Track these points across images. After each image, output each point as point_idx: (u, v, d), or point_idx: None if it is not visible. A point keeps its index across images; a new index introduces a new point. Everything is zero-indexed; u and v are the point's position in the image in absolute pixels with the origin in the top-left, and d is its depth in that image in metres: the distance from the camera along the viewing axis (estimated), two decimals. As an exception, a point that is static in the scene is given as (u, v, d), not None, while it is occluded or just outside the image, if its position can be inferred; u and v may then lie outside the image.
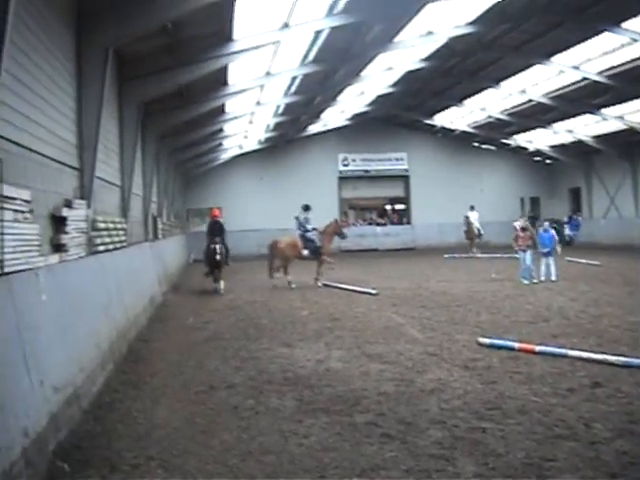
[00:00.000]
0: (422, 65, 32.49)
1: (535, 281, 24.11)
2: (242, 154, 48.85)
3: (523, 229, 25.57)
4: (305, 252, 25.77)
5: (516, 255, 26.16)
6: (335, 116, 45.68)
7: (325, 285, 25.40)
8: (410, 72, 34.07)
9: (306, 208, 26.85)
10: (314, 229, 26.31)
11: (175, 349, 14.32)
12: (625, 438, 7.85)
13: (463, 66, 34.77)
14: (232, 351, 13.74)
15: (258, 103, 32.38)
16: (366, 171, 53.38)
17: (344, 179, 53.26)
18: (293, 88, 32.05)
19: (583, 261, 32.42)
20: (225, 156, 47.56)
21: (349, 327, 16.16)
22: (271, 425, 8.72)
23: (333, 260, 27.42)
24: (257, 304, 21.29)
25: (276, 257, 26.19)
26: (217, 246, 24.63)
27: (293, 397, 10.02)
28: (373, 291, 22.73)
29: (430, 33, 27.03)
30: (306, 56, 26.77)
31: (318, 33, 23.85)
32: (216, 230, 25.40)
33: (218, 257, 24.45)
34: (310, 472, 7.12)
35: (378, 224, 53.83)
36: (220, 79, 25.21)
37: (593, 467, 7.02)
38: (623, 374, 10.74)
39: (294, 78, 29.71)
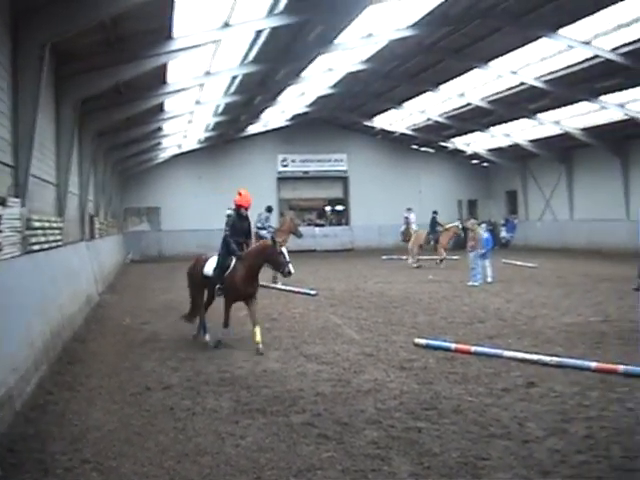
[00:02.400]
0: (363, 67, 32.58)
1: (476, 284, 24.28)
2: (181, 153, 48.48)
3: (469, 230, 25.91)
4: None
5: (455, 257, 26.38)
6: (275, 116, 45.58)
7: (263, 286, 25.31)
8: (350, 74, 34.14)
9: (269, 209, 28.08)
10: (270, 227, 26.64)
11: (111, 350, 14.18)
12: (558, 436, 7.99)
13: (403, 69, 34.92)
14: (169, 352, 13.66)
15: (197, 102, 32.18)
16: (305, 172, 53.38)
17: (283, 179, 53.21)
18: (233, 88, 31.89)
19: (519, 263, 32.82)
20: (164, 155, 47.17)
21: (287, 327, 16.17)
22: (207, 426, 8.69)
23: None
24: (195, 304, 21.15)
25: None
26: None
27: (230, 398, 9.99)
28: (312, 292, 22.73)
29: (371, 35, 27.10)
30: (246, 56, 26.65)
31: (259, 33, 23.77)
32: (243, 230, 15.03)
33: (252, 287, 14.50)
34: (246, 473, 7.10)
35: (317, 225, 53.92)
36: (159, 77, 24.97)
37: (526, 465, 7.12)
38: (557, 374, 10.91)
39: (234, 78, 29.56)
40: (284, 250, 13.83)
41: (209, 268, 14.88)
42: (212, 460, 7.49)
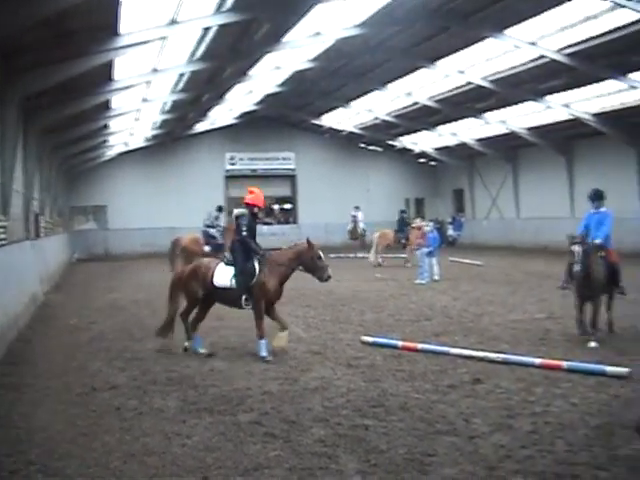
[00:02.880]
0: (310, 65, 32.57)
1: (424, 282, 24.42)
2: (129, 151, 48.08)
3: (418, 229, 26.06)
4: (207, 248, 25.98)
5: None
6: (223, 114, 45.43)
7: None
8: (298, 72, 34.15)
9: (219, 209, 28.79)
10: (219, 226, 26.77)
11: (57, 350, 14.02)
12: (503, 432, 8.09)
13: (351, 67, 34.98)
14: (116, 352, 13.52)
15: (144, 100, 31.96)
16: (253, 170, 53.22)
17: (231, 178, 52.95)
18: (180, 85, 31.74)
19: (466, 261, 33.07)
20: (111, 153, 46.79)
21: (234, 326, 16.09)
22: (154, 426, 8.64)
23: None
24: (142, 303, 21.03)
25: (178, 254, 26.00)
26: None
27: (177, 397, 9.95)
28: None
29: (318, 34, 27.13)
30: (194, 53, 26.54)
31: (206, 30, 23.67)
32: (255, 231, 13.73)
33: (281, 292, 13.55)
34: (193, 472, 7.09)
35: (265, 223, 53.80)
36: (105, 74, 24.75)
37: (472, 461, 7.20)
38: (502, 370, 11.03)
39: (181, 75, 29.43)
40: (321, 253, 13.14)
41: (223, 278, 13.19)
42: (159, 460, 7.45)
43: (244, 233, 13.19)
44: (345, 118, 48.85)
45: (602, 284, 13.27)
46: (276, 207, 57.30)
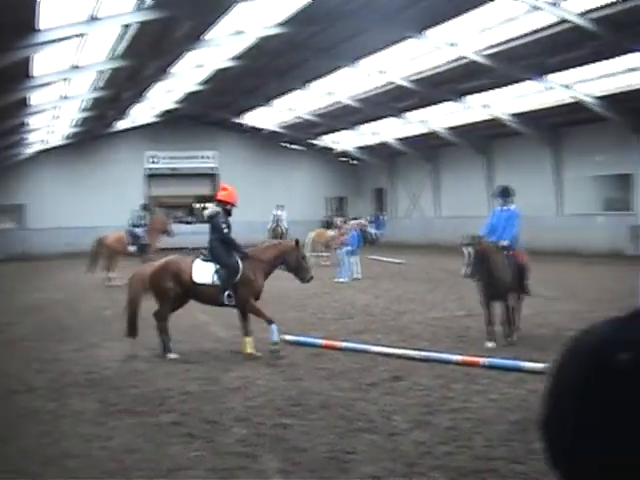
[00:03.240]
0: (232, 64, 32.42)
1: (345, 280, 24.54)
2: (49, 149, 47.25)
3: (339, 228, 26.22)
4: (131, 248, 25.65)
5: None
6: (144, 113, 45.02)
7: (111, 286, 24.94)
8: (220, 70, 33.97)
9: (144, 208, 28.81)
10: (144, 225, 26.52)
11: (-28, 352, 13.76)
12: (422, 429, 8.19)
13: (272, 66, 34.92)
14: (35, 353, 13.32)
15: (64, 97, 31.46)
16: (174, 169, 52.82)
17: (153, 177, 52.46)
18: (100, 83, 31.34)
19: (387, 259, 33.30)
20: (30, 151, 45.99)
21: (154, 326, 15.93)
22: (74, 429, 8.54)
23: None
24: (62, 304, 20.73)
25: (102, 253, 25.66)
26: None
27: (97, 399, 9.84)
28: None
29: (240, 32, 27.02)
30: (114, 50, 26.20)
31: (126, 27, 23.40)
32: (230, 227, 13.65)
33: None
34: (113, 475, 7.03)
35: (186, 222, 53.44)
36: (24, 71, 24.30)
37: (392, 458, 7.27)
38: (422, 367, 11.17)
39: (101, 72, 29.05)
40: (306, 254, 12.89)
41: (203, 274, 12.90)
42: (78, 463, 7.36)
43: (225, 231, 13.12)
44: (267, 117, 48.77)
45: (508, 284, 13.04)
46: (198, 206, 56.99)
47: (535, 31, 25.40)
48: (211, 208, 13.54)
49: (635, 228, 32.65)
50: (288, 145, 55.39)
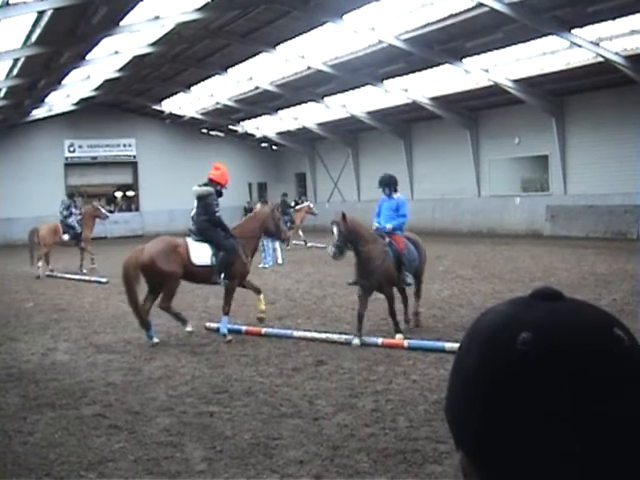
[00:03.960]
0: (149, 50, 32.05)
1: (267, 266, 24.58)
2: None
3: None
4: (65, 237, 25.38)
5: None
6: (60, 100, 44.27)
7: (50, 276, 24.64)
8: (137, 57, 33.57)
9: (70, 196, 27.94)
10: (75, 214, 26.21)
11: None
12: (346, 412, 8.26)
13: (191, 52, 34.72)
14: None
15: (-24, 85, 30.84)
16: (94, 157, 52.12)
17: (71, 166, 51.68)
18: (15, 70, 30.70)
19: (309, 244, 33.38)
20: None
21: (76, 318, 15.79)
22: (-7, 424, 8.38)
23: (94, 252, 26.48)
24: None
25: (37, 244, 25.28)
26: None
27: (17, 393, 9.69)
28: (103, 279, 22.32)
29: (157, 18, 26.72)
30: (29, 37, 25.67)
31: (41, 14, 22.95)
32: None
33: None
34: (35, 471, 6.90)
35: (109, 211, 52.80)
36: None
37: (316, 442, 7.31)
38: (345, 351, 11.25)
39: (16, 60, 28.47)
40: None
41: (201, 256, 12.78)
42: (-1, 459, 7.23)
43: (218, 213, 13.02)
44: (186, 103, 48.38)
45: (386, 275, 12.37)
46: (119, 194, 56.41)
47: (452, 15, 25.67)
48: (202, 187, 13.27)
49: (552, 208, 33.28)
50: (208, 132, 55.10)
